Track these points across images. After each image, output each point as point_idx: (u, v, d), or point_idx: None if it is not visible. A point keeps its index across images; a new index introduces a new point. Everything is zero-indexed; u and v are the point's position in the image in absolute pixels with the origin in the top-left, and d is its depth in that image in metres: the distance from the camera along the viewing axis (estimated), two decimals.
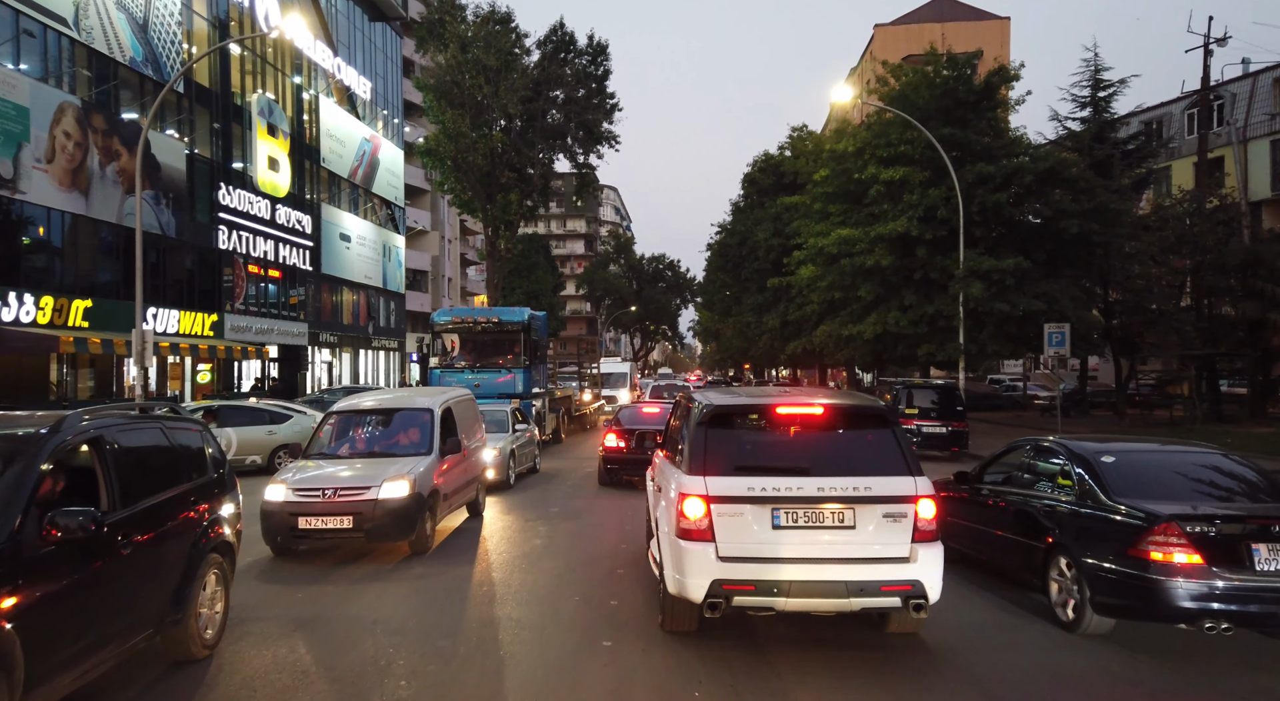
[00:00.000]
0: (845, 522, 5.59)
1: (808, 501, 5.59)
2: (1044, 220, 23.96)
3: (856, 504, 5.59)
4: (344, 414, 10.83)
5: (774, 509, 5.60)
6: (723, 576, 5.55)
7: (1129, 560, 6.09)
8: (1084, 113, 33.57)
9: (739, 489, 5.65)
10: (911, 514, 5.60)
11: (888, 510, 5.59)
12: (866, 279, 25.43)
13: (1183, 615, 5.85)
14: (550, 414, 23.43)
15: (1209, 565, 5.80)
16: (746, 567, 5.55)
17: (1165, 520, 5.96)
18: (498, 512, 12.71)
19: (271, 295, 35.54)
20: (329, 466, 9.84)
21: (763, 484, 5.64)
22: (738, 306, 42.93)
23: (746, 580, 5.53)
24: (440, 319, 20.97)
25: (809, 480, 5.65)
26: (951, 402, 20.83)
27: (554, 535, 10.87)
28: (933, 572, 5.58)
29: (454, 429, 10.99)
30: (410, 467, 9.61)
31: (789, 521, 5.60)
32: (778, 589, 5.51)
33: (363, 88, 43.87)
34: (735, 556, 5.58)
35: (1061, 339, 17.81)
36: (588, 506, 13.18)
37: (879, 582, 5.50)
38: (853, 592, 5.49)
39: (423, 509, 9.47)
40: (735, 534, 5.61)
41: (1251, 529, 5.89)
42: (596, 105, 40.43)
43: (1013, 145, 25.48)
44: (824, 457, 5.89)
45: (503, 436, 14.88)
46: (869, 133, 26.20)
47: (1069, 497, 6.91)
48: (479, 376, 20.30)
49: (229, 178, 31.78)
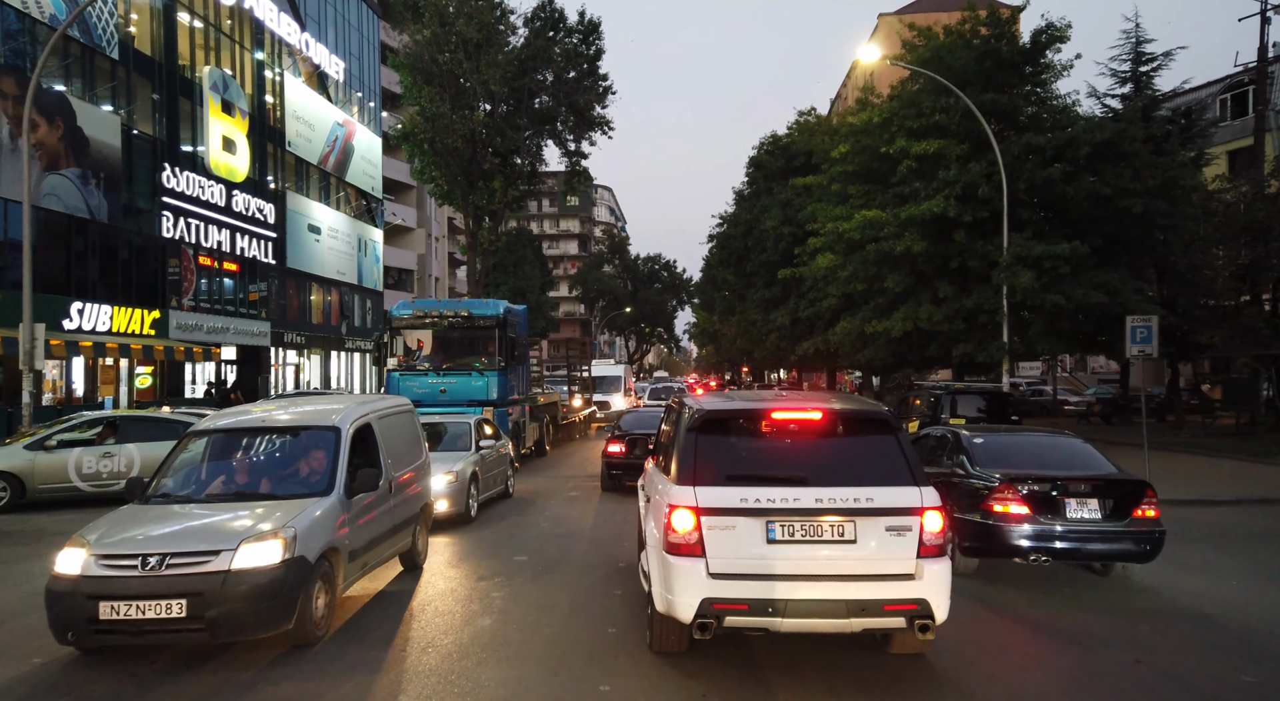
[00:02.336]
0: (845, 536, 5.31)
1: (805, 514, 5.31)
2: (1101, 199, 20.75)
3: (857, 516, 5.31)
4: (211, 435, 7.52)
5: (769, 522, 5.32)
6: (714, 595, 5.24)
7: (982, 512, 7.96)
8: (1124, 89, 30.51)
9: (731, 500, 5.35)
10: (917, 527, 5.30)
11: (891, 523, 5.30)
12: (895, 268, 22.19)
13: (1017, 551, 7.76)
14: (532, 423, 20.15)
15: (1034, 514, 7.74)
16: (739, 585, 5.26)
17: (1003, 481, 7.90)
18: (443, 563, 9.41)
19: (227, 290, 32.17)
20: (164, 517, 6.54)
21: (757, 495, 5.35)
22: (741, 303, 39.59)
23: (739, 599, 5.24)
24: (399, 313, 17.68)
25: (806, 491, 5.37)
26: (1004, 411, 17.59)
27: (513, 606, 7.59)
28: (940, 590, 5.25)
29: (374, 454, 7.76)
30: (288, 518, 6.33)
31: (785, 535, 5.32)
32: (773, 608, 5.21)
33: (335, 68, 40.57)
34: (727, 573, 5.29)
35: (1148, 334, 14.61)
36: (567, 550, 9.89)
37: (882, 601, 5.21)
38: (853, 612, 5.22)
39: (306, 580, 6.20)
40: (727, 549, 5.31)
41: (1064, 487, 7.81)
42: (588, 87, 37.35)
43: (1062, 115, 22.27)
44: (823, 466, 5.60)
45: (461, 456, 11.61)
46: (896, 103, 22.99)
47: (958, 470, 8.64)
48: (445, 380, 17.04)
49: (175, 158, 28.44)
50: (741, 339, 41.98)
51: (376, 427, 8.02)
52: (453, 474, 10.83)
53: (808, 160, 31.42)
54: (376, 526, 7.67)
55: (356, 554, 7.22)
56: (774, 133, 36.74)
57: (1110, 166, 21.30)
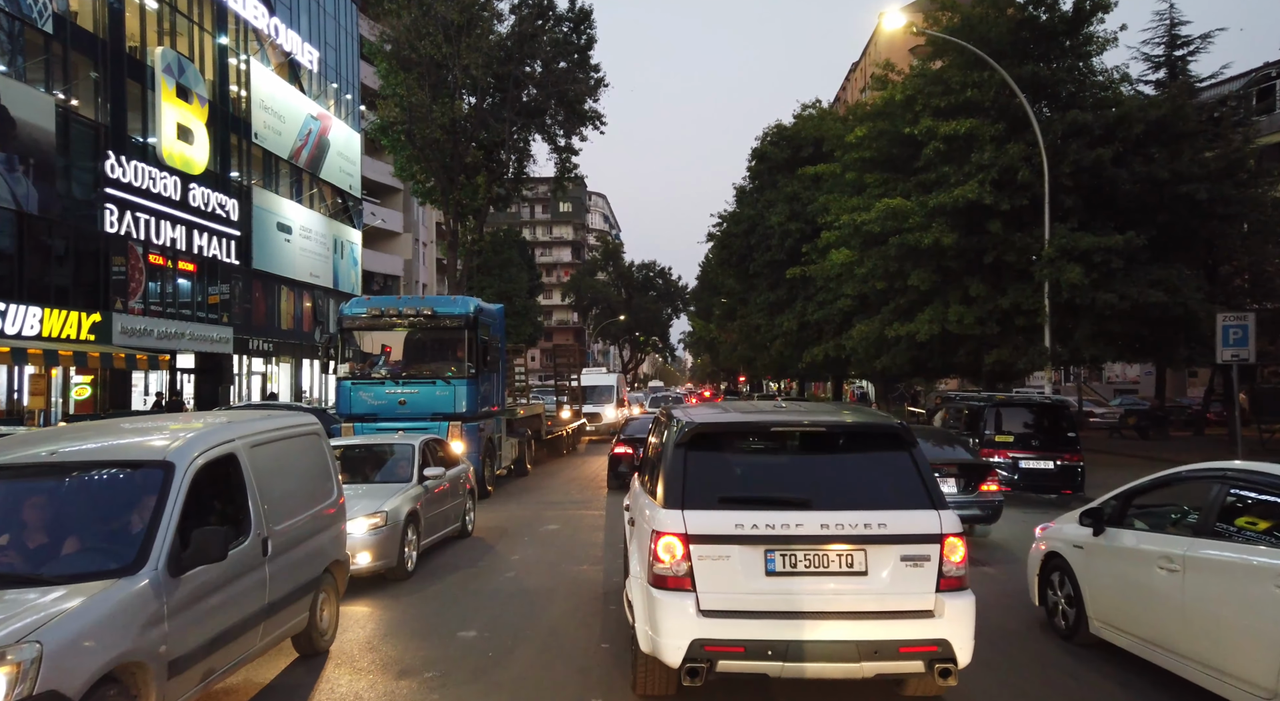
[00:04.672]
0: (855, 567, 4.66)
1: (809, 541, 4.66)
2: (1155, 185, 18.31)
3: (869, 544, 4.66)
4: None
5: (768, 551, 4.67)
6: (705, 636, 4.58)
7: None
8: (1157, 75, 28.20)
9: (725, 526, 4.70)
10: (936, 556, 4.65)
11: (907, 551, 4.65)
12: (919, 263, 19.69)
13: None
14: (510, 439, 17.52)
15: None
16: (734, 624, 4.60)
17: None
18: (357, 644, 6.78)
19: (184, 292, 29.48)
20: None
21: (754, 520, 4.69)
22: (743, 307, 36.98)
23: (734, 641, 4.58)
24: (351, 311, 15.02)
25: (811, 515, 4.72)
26: (1058, 427, 15.09)
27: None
28: (963, 629, 4.59)
29: (238, 502, 5.21)
30: (37, 623, 3.75)
31: (786, 566, 4.67)
32: (773, 651, 4.54)
33: (309, 57, 38.03)
34: (720, 610, 4.64)
35: (1243, 335, 12.17)
36: (534, 617, 7.26)
37: (898, 642, 4.55)
38: (865, 655, 4.53)
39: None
40: (720, 582, 4.66)
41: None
42: (579, 79, 34.97)
43: (1107, 92, 19.85)
44: (829, 487, 4.96)
45: (396, 491, 8.96)
46: (920, 79, 20.54)
47: None
48: (405, 390, 14.40)
49: (122, 146, 25.82)
50: (743, 346, 39.34)
51: (246, 460, 5.43)
52: (380, 516, 8.20)
53: (817, 149, 28.94)
54: (234, 611, 5.06)
55: (188, 661, 4.61)
56: (779, 122, 34.20)
57: (1164, 149, 18.90)
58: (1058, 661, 6.26)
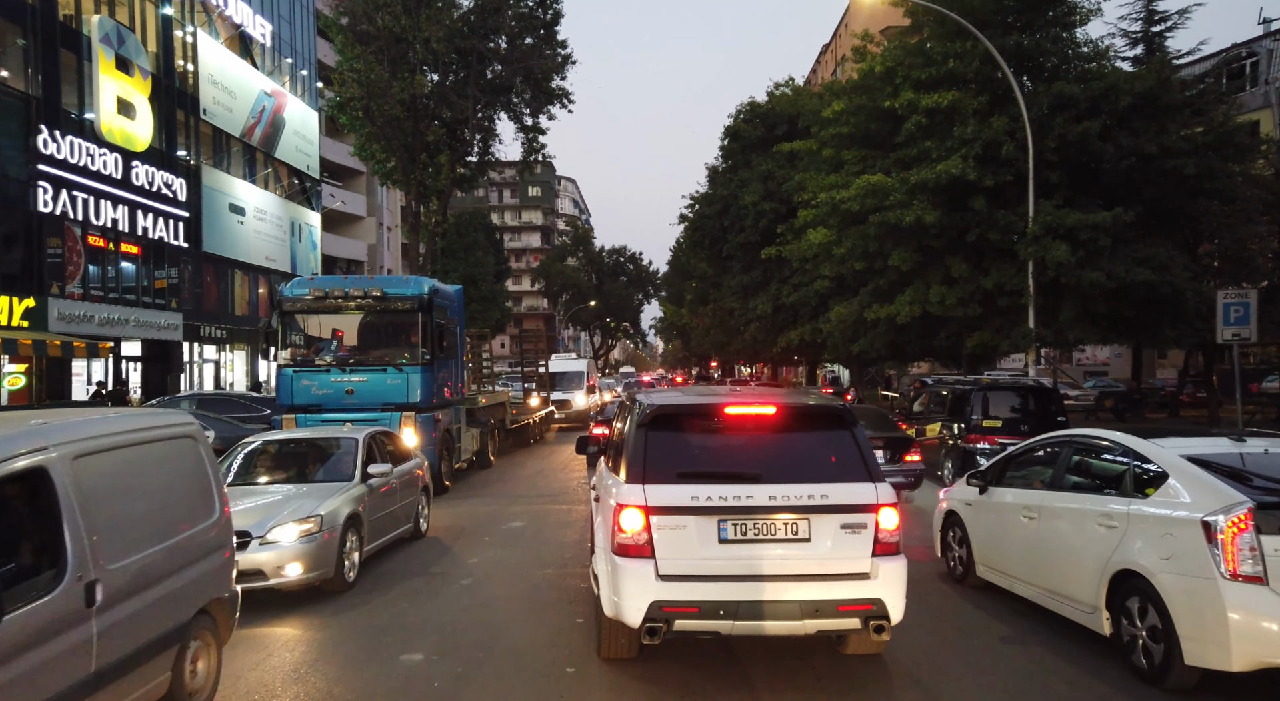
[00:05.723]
0: (799, 535, 5.13)
1: (758, 511, 5.10)
2: (1142, 159, 17.67)
3: (812, 514, 5.13)
4: None
5: (720, 520, 5.10)
6: (663, 598, 5.01)
7: None
8: (1134, 51, 27.63)
9: (682, 498, 5.11)
10: (872, 524, 5.15)
11: (846, 520, 5.14)
12: (900, 243, 18.92)
13: None
14: (471, 430, 16.51)
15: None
16: (689, 587, 5.05)
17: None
18: (282, 672, 5.80)
19: (127, 276, 27.93)
20: None
21: (708, 492, 5.11)
22: (716, 291, 36.08)
23: (689, 602, 5.03)
24: (292, 293, 13.83)
25: (759, 488, 5.15)
26: (1047, 411, 14.53)
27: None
28: (896, 590, 5.12)
29: (50, 533, 3.94)
30: None
31: (737, 534, 5.10)
32: (724, 611, 5.02)
33: (261, 30, 36.32)
34: (677, 575, 5.06)
35: (1245, 313, 11.54)
36: (497, 632, 6.33)
37: (836, 602, 5.07)
38: (807, 613, 5.05)
39: None
40: (677, 549, 5.08)
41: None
42: (547, 56, 33.74)
43: (1092, 63, 19.16)
44: (777, 463, 5.44)
45: (335, 491, 7.96)
46: (900, 51, 19.70)
47: None
48: (352, 379, 13.33)
49: (56, 120, 24.22)
50: (716, 330, 38.50)
51: (65, 476, 4.01)
52: (313, 520, 7.21)
53: (792, 126, 28.03)
54: (30, 694, 3.64)
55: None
56: (752, 99, 33.18)
57: (1150, 122, 18.27)
58: (953, 601, 7.47)
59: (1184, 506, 5.29)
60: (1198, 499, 5.24)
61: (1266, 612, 4.74)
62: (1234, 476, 5.36)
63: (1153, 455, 5.82)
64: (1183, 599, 5.04)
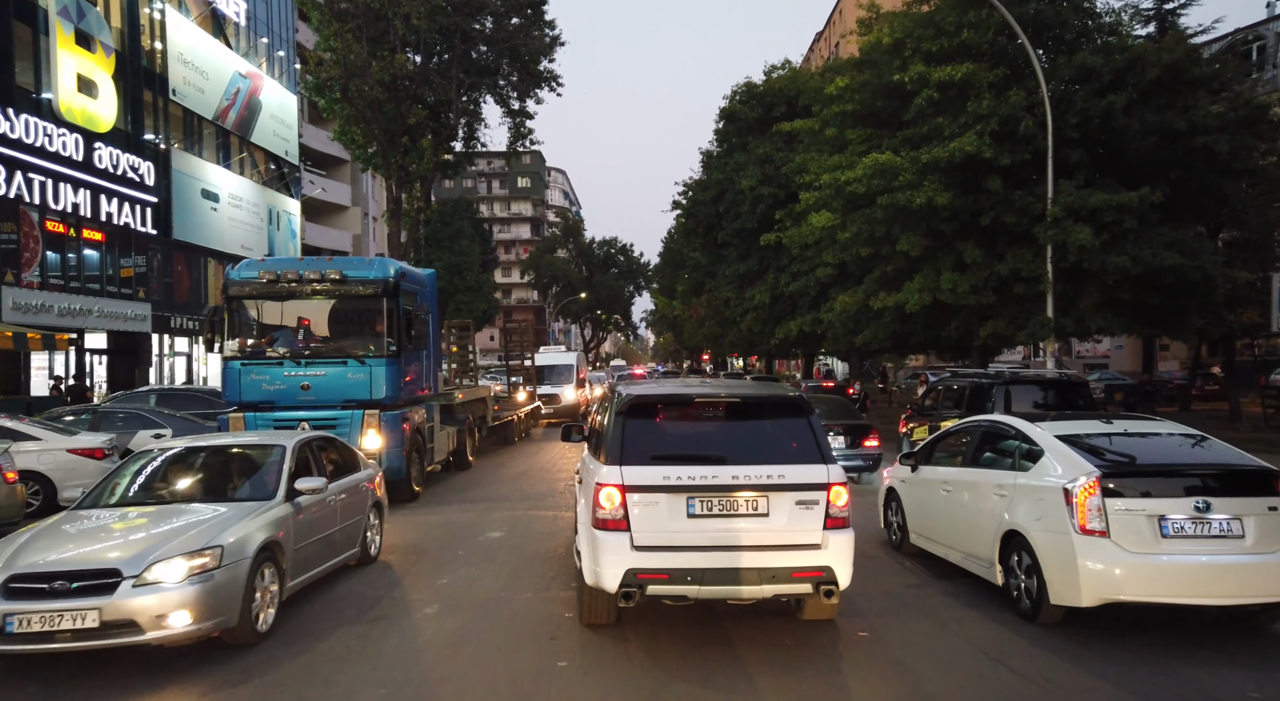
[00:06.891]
0: (759, 510, 5.66)
1: (722, 490, 5.64)
2: (1169, 136, 16.48)
3: (770, 492, 5.65)
4: None
5: (689, 497, 5.63)
6: (637, 565, 5.54)
7: None
8: (1147, 29, 26.45)
9: (654, 478, 5.65)
10: (824, 501, 5.68)
11: (800, 497, 5.66)
12: (909, 226, 17.71)
13: None
14: (446, 428, 15.20)
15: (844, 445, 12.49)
16: (661, 556, 5.57)
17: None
18: None
19: (90, 264, 26.46)
20: None
21: (678, 473, 5.66)
22: (711, 281, 34.75)
23: (661, 569, 5.55)
24: (240, 276, 12.43)
25: (724, 468, 5.72)
26: (1076, 405, 13.21)
27: None
28: (843, 558, 5.68)
29: None
30: None
31: (704, 510, 5.64)
32: (691, 577, 5.55)
33: (235, 9, 34.75)
34: (650, 545, 5.59)
35: None
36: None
37: (791, 569, 5.60)
38: (765, 579, 5.59)
39: None
40: (651, 523, 5.61)
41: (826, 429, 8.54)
42: (535, 37, 32.37)
43: (1114, 35, 17.95)
44: (740, 447, 5.96)
45: (248, 513, 6.39)
46: (910, 22, 18.44)
47: None
48: (310, 372, 11.97)
49: (9, 97, 22.73)
50: (710, 321, 37.17)
51: None
52: (209, 554, 5.65)
53: (791, 107, 26.69)
54: None
55: None
56: (749, 79, 31.77)
57: (1176, 98, 17.08)
58: (890, 565, 8.43)
59: (1053, 476, 6.30)
60: (1064, 470, 6.25)
61: (1107, 560, 5.80)
62: (1093, 452, 6.34)
63: (1034, 435, 6.80)
64: (1049, 551, 6.10)
